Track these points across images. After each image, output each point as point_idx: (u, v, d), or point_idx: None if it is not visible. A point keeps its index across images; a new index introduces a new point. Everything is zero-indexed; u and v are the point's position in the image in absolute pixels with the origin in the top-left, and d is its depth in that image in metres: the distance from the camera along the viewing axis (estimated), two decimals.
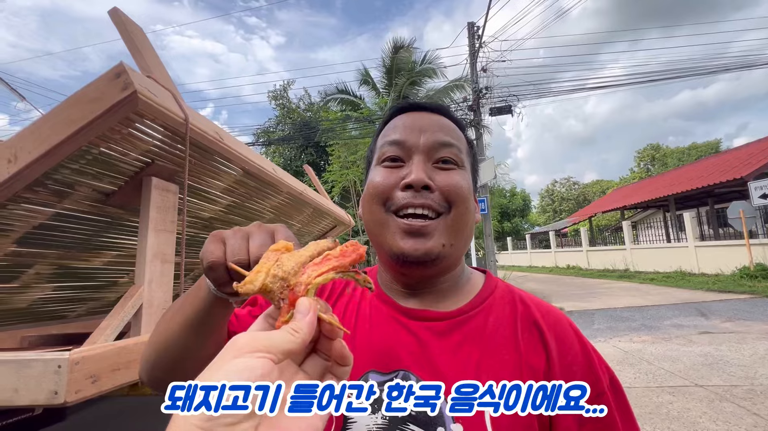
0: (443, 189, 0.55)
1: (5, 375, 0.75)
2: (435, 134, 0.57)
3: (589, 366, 0.54)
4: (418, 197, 0.54)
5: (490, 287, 0.62)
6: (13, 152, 0.84)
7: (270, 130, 17.08)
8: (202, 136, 1.08)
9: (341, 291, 0.66)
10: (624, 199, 19.27)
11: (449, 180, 0.55)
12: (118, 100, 0.84)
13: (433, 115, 0.61)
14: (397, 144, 0.57)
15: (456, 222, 0.56)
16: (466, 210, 0.56)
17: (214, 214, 1.55)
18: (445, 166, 0.57)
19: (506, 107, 10.77)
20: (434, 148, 0.57)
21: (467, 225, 0.58)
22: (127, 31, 1.09)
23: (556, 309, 0.60)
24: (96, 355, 0.81)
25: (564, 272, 18.51)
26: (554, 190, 48.65)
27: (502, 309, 0.59)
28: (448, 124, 0.61)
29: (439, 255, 0.55)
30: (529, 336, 0.55)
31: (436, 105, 0.63)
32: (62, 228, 1.11)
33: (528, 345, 0.54)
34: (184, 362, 0.55)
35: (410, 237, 0.54)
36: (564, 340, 0.55)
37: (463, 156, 0.59)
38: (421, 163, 0.56)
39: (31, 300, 1.33)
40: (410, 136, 0.57)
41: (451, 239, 0.55)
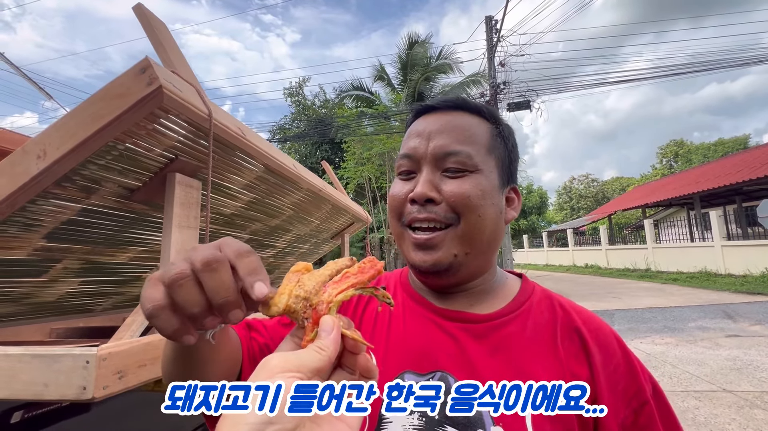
0: (450, 200, 0.54)
1: (37, 370, 0.76)
2: (442, 141, 0.56)
3: (632, 374, 0.52)
4: (422, 211, 0.54)
5: (527, 291, 0.60)
6: (42, 148, 0.85)
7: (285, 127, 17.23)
8: (224, 131, 1.07)
9: (369, 297, 0.65)
10: (646, 197, 18.72)
11: (456, 190, 0.54)
12: (144, 95, 0.83)
13: (446, 114, 0.59)
14: (407, 157, 0.58)
15: (467, 231, 0.54)
16: (479, 218, 0.54)
17: (235, 210, 1.55)
18: (454, 174, 0.55)
19: (525, 102, 10.57)
20: (440, 157, 0.55)
21: (483, 232, 0.55)
22: (151, 26, 1.08)
23: (598, 317, 0.58)
24: (122, 351, 0.81)
25: (582, 271, 18.13)
26: (572, 187, 47.65)
27: (540, 314, 0.57)
28: (462, 122, 0.58)
29: (452, 265, 0.54)
30: (570, 343, 0.53)
31: (450, 101, 0.60)
32: (89, 223, 1.12)
33: (569, 353, 0.52)
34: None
35: (419, 250, 0.55)
36: (607, 348, 0.53)
37: (476, 158, 0.55)
38: (428, 174, 0.55)
39: (59, 294, 1.36)
40: (419, 146, 0.57)
41: (464, 248, 0.54)
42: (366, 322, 0.62)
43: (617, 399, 0.50)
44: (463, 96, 0.62)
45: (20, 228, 0.98)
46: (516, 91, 10.66)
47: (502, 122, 0.62)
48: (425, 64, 14.78)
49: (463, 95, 7.44)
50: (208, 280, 0.31)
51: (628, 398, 0.50)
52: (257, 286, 0.32)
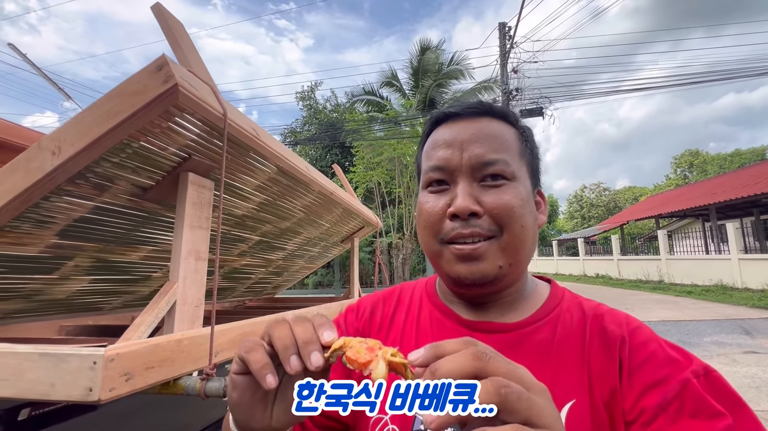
0: (492, 212, 0.52)
1: (43, 369, 0.75)
2: (477, 150, 0.53)
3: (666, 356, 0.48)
4: (466, 226, 0.52)
5: (557, 297, 0.59)
6: (57, 144, 0.84)
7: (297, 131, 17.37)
8: (238, 131, 1.06)
9: (394, 308, 0.64)
10: (659, 207, 18.38)
11: (498, 201, 0.52)
12: (160, 92, 0.82)
13: (474, 121, 0.56)
14: (440, 169, 0.55)
15: (510, 243, 0.52)
16: (522, 228, 0.52)
17: (246, 211, 1.53)
18: (493, 182, 0.53)
19: (537, 109, 10.49)
20: (477, 167, 0.53)
21: (525, 243, 0.53)
22: (168, 25, 1.08)
23: (629, 316, 0.54)
24: (130, 352, 0.79)
25: (593, 281, 17.83)
26: (583, 195, 47.07)
27: (570, 319, 0.55)
28: (492, 129, 0.55)
29: (497, 277, 0.52)
30: (599, 346, 0.51)
31: (476, 106, 0.58)
32: (101, 221, 1.11)
33: (599, 357, 0.50)
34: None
35: (464, 263, 0.53)
36: (639, 346, 0.50)
37: (513, 166, 0.54)
38: (466, 186, 0.53)
39: (70, 292, 1.35)
40: (452, 156, 0.54)
41: (509, 259, 0.53)
42: (393, 334, 0.61)
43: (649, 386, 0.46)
44: (486, 100, 0.59)
45: (33, 224, 0.98)
46: (529, 98, 10.59)
47: (525, 125, 0.60)
48: (437, 70, 14.78)
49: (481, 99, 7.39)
50: (295, 327, 0.39)
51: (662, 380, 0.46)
52: (326, 333, 0.39)
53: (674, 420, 0.43)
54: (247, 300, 2.81)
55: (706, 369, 0.46)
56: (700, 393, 0.44)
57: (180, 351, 0.93)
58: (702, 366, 0.47)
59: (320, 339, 0.38)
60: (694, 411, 0.43)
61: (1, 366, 0.77)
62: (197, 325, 1.06)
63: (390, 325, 0.63)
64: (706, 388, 0.44)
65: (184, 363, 0.94)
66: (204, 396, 0.92)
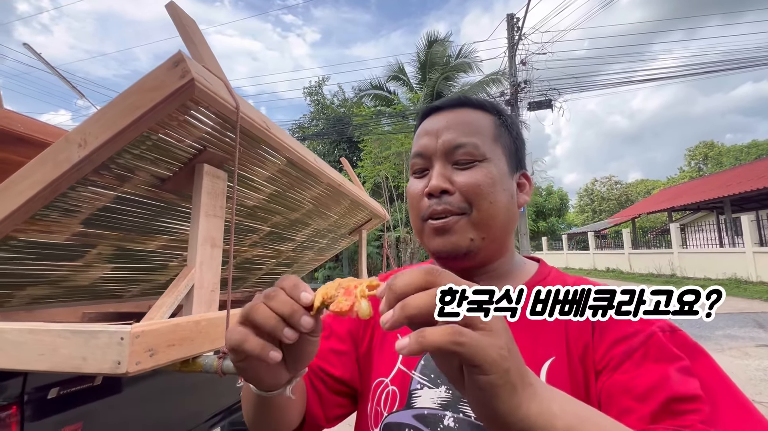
0: (461, 189, 0.57)
1: (76, 344, 0.81)
2: (449, 135, 0.59)
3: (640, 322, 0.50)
4: (440, 203, 0.57)
5: (543, 274, 0.63)
6: (83, 137, 0.90)
7: (304, 126, 17.44)
8: (250, 124, 1.11)
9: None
10: (672, 200, 18.07)
11: (467, 179, 0.57)
12: (177, 87, 0.87)
13: (450, 112, 0.62)
14: (419, 156, 0.61)
15: (481, 218, 0.57)
16: (490, 204, 0.57)
17: (257, 202, 1.59)
18: (464, 165, 0.58)
19: (546, 102, 10.37)
20: (449, 151, 0.58)
21: (497, 217, 0.58)
22: (182, 23, 1.13)
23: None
24: (154, 330, 0.85)
25: (603, 275, 17.67)
26: (594, 189, 46.43)
27: None
28: (465, 117, 0.61)
29: (470, 249, 0.57)
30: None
31: (453, 99, 0.64)
32: (122, 211, 1.17)
33: (577, 326, 0.53)
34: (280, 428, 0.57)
35: (438, 236, 0.58)
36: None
37: (483, 148, 0.58)
38: (439, 168, 0.58)
39: (93, 279, 1.43)
40: (429, 143, 0.60)
41: (480, 233, 0.57)
42: None
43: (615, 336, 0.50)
44: (466, 94, 0.65)
45: (60, 213, 1.05)
46: (537, 90, 10.47)
47: (505, 113, 0.65)
48: (444, 63, 14.68)
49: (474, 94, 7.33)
50: (273, 303, 0.39)
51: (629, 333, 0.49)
52: (303, 295, 0.40)
53: (639, 364, 0.47)
54: (258, 291, 2.89)
55: (673, 328, 0.50)
56: (664, 342, 0.48)
57: (198, 331, 0.99)
58: (669, 325, 0.50)
59: (300, 303, 0.39)
60: (657, 357, 0.47)
61: (38, 342, 0.84)
62: (213, 309, 1.12)
63: None
64: (671, 340, 0.49)
65: (202, 342, 1.00)
66: (221, 373, 0.98)
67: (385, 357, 0.63)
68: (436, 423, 0.53)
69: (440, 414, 0.54)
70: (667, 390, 0.44)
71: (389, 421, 0.57)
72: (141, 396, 1.41)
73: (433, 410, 0.54)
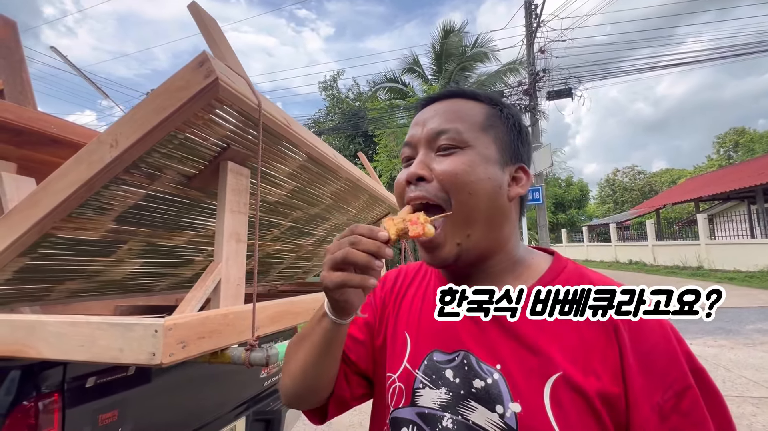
0: (438, 177, 0.55)
1: (114, 336, 0.85)
2: (433, 123, 0.58)
3: (672, 356, 0.49)
4: (414, 190, 0.56)
5: (557, 270, 0.59)
6: (114, 138, 0.93)
7: (320, 121, 17.52)
8: (272, 120, 1.13)
9: (410, 281, 0.71)
10: (699, 189, 17.39)
11: (445, 167, 0.55)
12: (202, 86, 0.89)
13: (442, 102, 0.61)
14: (406, 145, 0.61)
15: (461, 211, 0.54)
16: (469, 194, 0.54)
17: (279, 197, 1.62)
18: (445, 152, 0.56)
19: (566, 90, 10.07)
20: (431, 138, 0.57)
21: (477, 208, 0.55)
22: (204, 22, 1.15)
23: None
24: (185, 323, 0.88)
25: (626, 268, 17.22)
26: (616, 179, 45.09)
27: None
28: (454, 105, 0.59)
29: (460, 254, 0.56)
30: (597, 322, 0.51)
31: (445, 91, 0.63)
32: (152, 208, 1.22)
33: (595, 332, 0.50)
34: (318, 383, 0.64)
35: (426, 252, 0.58)
36: (641, 327, 0.50)
37: (466, 134, 0.56)
38: (421, 155, 0.58)
39: (124, 274, 1.49)
40: (416, 132, 0.60)
41: (465, 231, 0.55)
42: (404, 305, 0.67)
43: (653, 380, 0.48)
44: (484, 84, 0.63)
45: (95, 211, 1.09)
46: (557, 79, 10.18)
47: (505, 105, 0.62)
48: (460, 54, 14.43)
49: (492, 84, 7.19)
50: (361, 246, 0.49)
51: (668, 381, 0.48)
52: (380, 234, 0.49)
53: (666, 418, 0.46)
54: (279, 285, 2.94)
55: (700, 369, 0.49)
56: (700, 399, 0.47)
57: (226, 324, 1.02)
58: (696, 366, 0.49)
59: (380, 240, 0.48)
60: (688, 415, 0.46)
61: (78, 334, 0.88)
62: (239, 302, 1.16)
63: (403, 297, 0.69)
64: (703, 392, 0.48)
65: (229, 335, 1.03)
66: (249, 364, 1.01)
67: (395, 353, 0.64)
68: (435, 423, 0.54)
69: (439, 415, 0.54)
70: None
71: (395, 416, 0.59)
72: (170, 386, 1.46)
73: (433, 410, 0.55)
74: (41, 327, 0.91)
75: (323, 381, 0.63)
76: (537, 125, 10.22)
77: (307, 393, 0.64)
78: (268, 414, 1.97)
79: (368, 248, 0.48)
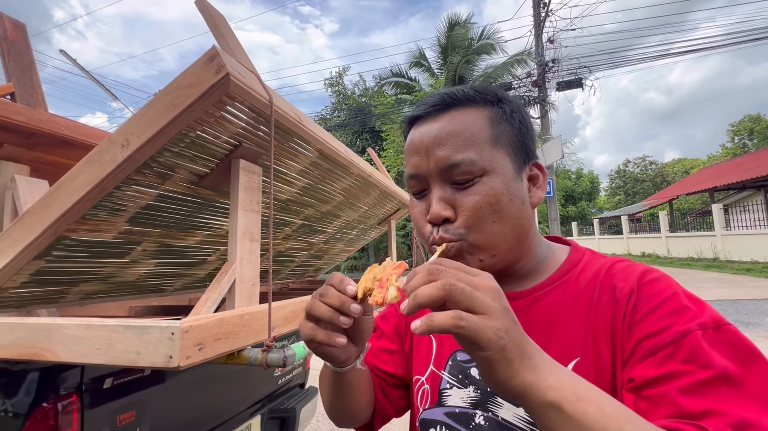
0: (463, 215, 0.52)
1: (130, 339, 0.84)
2: (441, 153, 0.53)
3: (674, 308, 0.45)
4: (439, 231, 0.54)
5: (574, 260, 0.58)
6: (125, 137, 0.92)
7: (326, 117, 17.51)
8: (283, 117, 1.10)
9: None
10: (714, 179, 17.02)
11: (466, 203, 0.52)
12: (213, 83, 0.87)
13: (437, 120, 0.55)
14: (413, 177, 0.57)
15: (481, 240, 0.53)
16: (493, 223, 0.52)
17: (290, 195, 1.60)
18: (463, 185, 0.53)
19: (576, 80, 9.89)
20: (445, 171, 0.53)
21: (504, 233, 0.53)
22: (212, 18, 1.13)
23: (652, 270, 0.50)
24: (201, 325, 0.87)
25: (638, 260, 16.90)
26: (627, 170, 44.38)
27: (583, 280, 0.54)
28: (455, 124, 0.53)
29: (483, 268, 0.53)
30: (607, 304, 0.50)
31: (437, 102, 0.56)
32: (164, 208, 1.20)
33: (605, 314, 0.49)
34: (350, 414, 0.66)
35: None
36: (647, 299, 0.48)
37: (481, 160, 0.52)
38: (438, 191, 0.54)
39: (138, 275, 1.48)
40: (421, 163, 0.55)
41: (489, 252, 0.54)
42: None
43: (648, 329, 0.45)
44: (447, 90, 0.57)
45: (108, 212, 1.08)
46: (566, 69, 9.99)
47: (503, 98, 0.57)
48: (466, 46, 14.27)
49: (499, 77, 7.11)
50: (326, 299, 0.48)
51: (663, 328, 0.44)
52: (348, 288, 0.48)
53: (661, 364, 0.42)
54: (290, 283, 2.94)
55: (719, 322, 0.43)
56: (700, 343, 0.41)
57: (242, 325, 1.01)
58: (714, 319, 0.43)
59: (347, 294, 0.47)
60: (684, 359, 0.41)
61: (95, 337, 0.87)
62: (254, 302, 1.14)
63: None
64: (712, 341, 0.41)
65: (246, 336, 1.02)
66: (266, 365, 0.99)
67: (421, 356, 0.66)
68: (467, 421, 0.56)
69: (471, 413, 0.56)
70: (675, 405, 0.39)
71: (424, 417, 0.61)
72: (186, 386, 1.46)
73: (464, 409, 0.56)
74: (58, 330, 0.91)
75: (353, 411, 0.66)
76: (546, 117, 10.06)
77: (344, 419, 0.67)
78: (283, 412, 1.97)
79: (331, 302, 0.47)
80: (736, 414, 0.36)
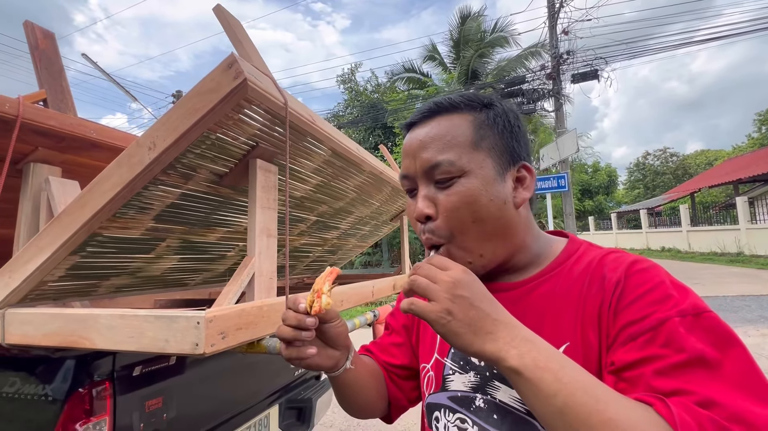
0: (443, 214, 0.57)
1: (160, 328, 0.90)
2: (425, 155, 0.57)
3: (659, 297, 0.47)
4: (425, 231, 0.59)
5: (570, 251, 0.61)
6: (152, 140, 0.98)
7: (339, 114, 17.58)
8: (298, 118, 1.15)
9: None
10: (738, 171, 16.44)
11: (445, 203, 0.56)
12: (232, 88, 0.92)
13: (425, 125, 0.59)
14: (405, 178, 0.62)
15: (468, 239, 0.57)
16: (473, 223, 0.55)
17: (304, 193, 1.65)
18: (444, 184, 0.57)
19: (592, 72, 9.68)
20: (428, 171, 0.57)
21: (485, 232, 0.56)
22: (229, 24, 1.18)
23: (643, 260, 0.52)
24: (224, 315, 0.93)
25: (658, 255, 16.57)
26: (646, 163, 43.16)
27: (575, 270, 0.57)
28: (439, 129, 0.57)
29: (475, 269, 0.55)
30: (596, 293, 0.52)
31: (426, 109, 0.61)
32: (187, 206, 1.27)
33: (594, 302, 0.52)
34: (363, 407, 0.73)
35: None
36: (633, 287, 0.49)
37: (461, 161, 0.55)
38: (422, 190, 0.59)
39: (163, 269, 1.57)
40: (410, 165, 0.60)
41: (476, 253, 0.57)
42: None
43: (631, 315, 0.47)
44: (438, 99, 0.62)
45: (136, 210, 1.15)
46: (582, 60, 9.78)
47: (490, 105, 0.59)
48: (479, 39, 14.10)
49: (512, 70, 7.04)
50: (286, 321, 0.57)
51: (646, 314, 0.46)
52: (300, 306, 0.56)
53: (641, 348, 0.44)
54: (306, 278, 3.02)
55: (699, 309, 0.45)
56: (677, 329, 0.43)
57: (261, 316, 1.07)
58: (695, 306, 0.45)
59: (300, 311, 0.56)
60: (662, 344, 0.43)
61: (127, 326, 0.95)
62: (272, 295, 1.20)
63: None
64: (691, 327, 0.43)
65: (264, 326, 1.08)
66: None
67: (426, 345, 0.70)
68: (468, 403, 0.59)
69: (471, 396, 0.59)
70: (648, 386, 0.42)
71: (429, 401, 0.65)
72: (209, 376, 1.54)
73: (465, 392, 0.60)
74: (94, 320, 0.98)
75: (363, 406, 0.72)
76: (561, 110, 9.88)
77: (357, 413, 0.73)
78: (300, 402, 2.04)
79: (290, 323, 0.56)
80: (702, 393, 0.39)
